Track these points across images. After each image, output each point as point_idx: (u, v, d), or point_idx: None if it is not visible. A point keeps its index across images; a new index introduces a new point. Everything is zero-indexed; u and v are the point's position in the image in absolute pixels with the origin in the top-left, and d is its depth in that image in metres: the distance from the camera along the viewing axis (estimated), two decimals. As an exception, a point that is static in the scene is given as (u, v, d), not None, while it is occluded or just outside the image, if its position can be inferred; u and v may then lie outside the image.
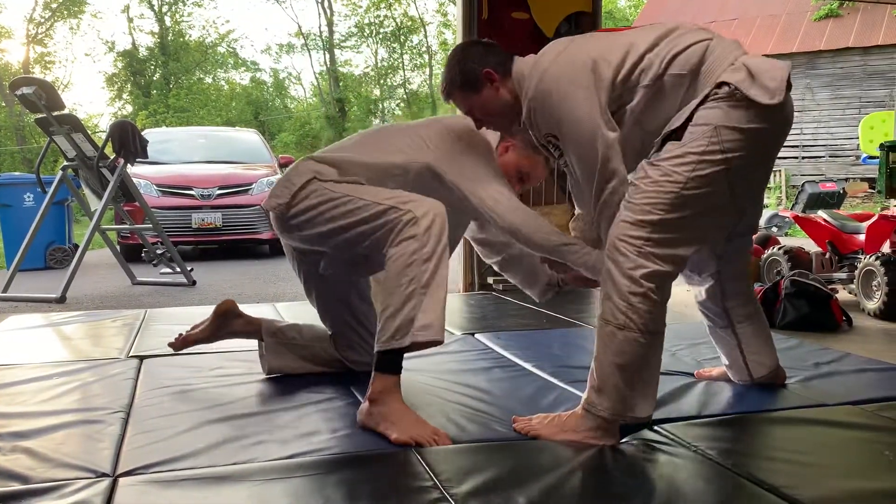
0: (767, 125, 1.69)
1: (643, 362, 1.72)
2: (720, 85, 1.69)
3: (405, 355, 1.88)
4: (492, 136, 2.17)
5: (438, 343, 1.87)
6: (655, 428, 1.84)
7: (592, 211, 1.86)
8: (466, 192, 2.02)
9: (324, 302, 2.32)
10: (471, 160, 2.05)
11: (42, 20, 26.09)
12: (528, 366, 2.46)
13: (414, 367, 2.45)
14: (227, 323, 2.34)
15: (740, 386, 2.18)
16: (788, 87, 1.70)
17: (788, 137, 1.84)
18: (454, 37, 16.32)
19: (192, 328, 2.38)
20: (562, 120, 1.79)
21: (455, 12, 5.12)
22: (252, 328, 2.35)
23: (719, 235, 1.94)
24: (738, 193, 1.74)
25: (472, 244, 2.41)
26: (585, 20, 4.60)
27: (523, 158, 2.16)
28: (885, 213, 4.26)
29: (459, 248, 4.32)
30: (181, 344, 2.36)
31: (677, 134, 1.72)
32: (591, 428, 1.74)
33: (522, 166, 2.17)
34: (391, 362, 1.85)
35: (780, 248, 4.58)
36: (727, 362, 2.20)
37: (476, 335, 2.96)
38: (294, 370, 2.34)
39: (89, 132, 5.33)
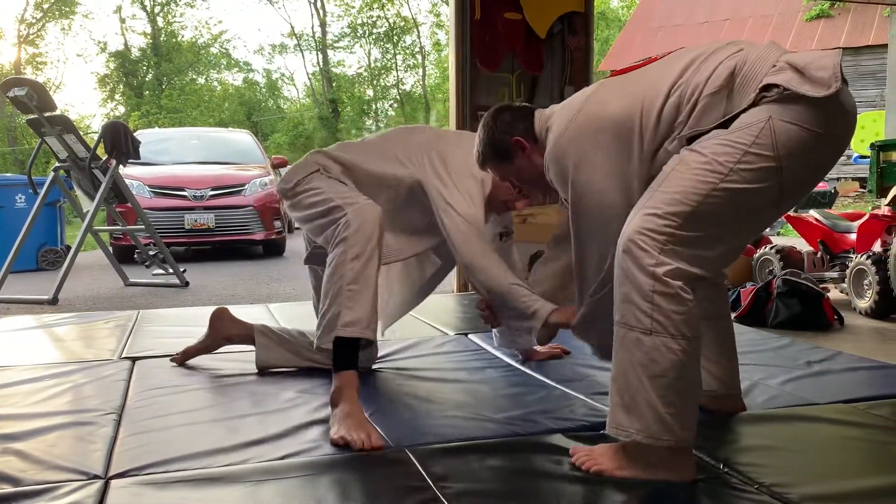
0: (826, 129, 1.48)
1: (678, 373, 1.47)
2: (767, 88, 1.49)
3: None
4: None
5: (367, 340, 1.92)
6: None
7: (588, 290, 1.72)
8: (443, 217, 2.07)
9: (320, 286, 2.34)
10: (456, 192, 2.07)
11: (33, 21, 25.99)
12: (520, 366, 2.46)
13: (408, 367, 2.46)
14: (222, 328, 2.46)
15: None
16: (844, 81, 1.49)
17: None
18: (447, 37, 16.33)
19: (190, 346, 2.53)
20: (574, 186, 1.66)
21: (448, 13, 5.13)
22: (246, 333, 2.44)
23: (753, 237, 1.72)
24: (785, 196, 1.53)
25: None
26: (578, 20, 4.61)
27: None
28: (875, 212, 4.28)
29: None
30: (182, 357, 2.51)
31: (724, 124, 1.52)
32: (660, 460, 1.51)
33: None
34: (340, 360, 1.91)
35: (771, 248, 4.60)
36: None
37: (469, 335, 2.96)
38: (283, 363, 2.41)
39: (81, 133, 5.31)
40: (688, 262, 1.49)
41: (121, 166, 5.32)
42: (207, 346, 2.50)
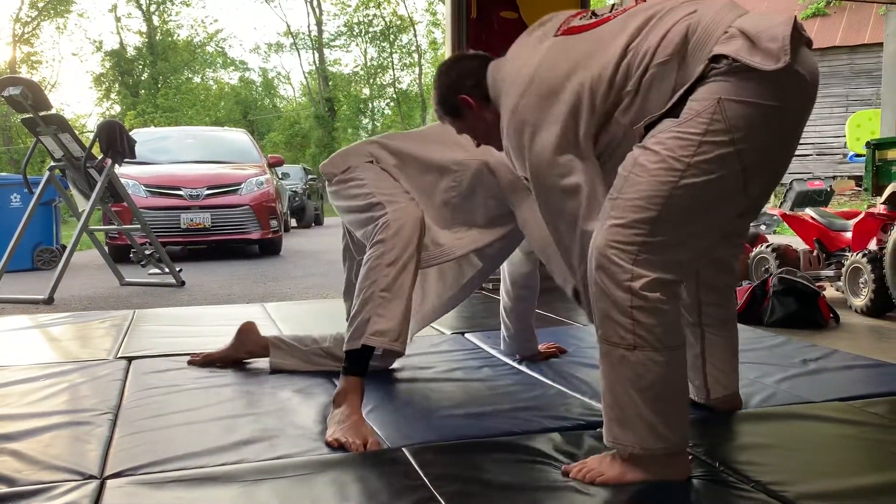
0: (781, 101, 1.42)
1: (666, 383, 1.46)
2: (716, 59, 1.42)
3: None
4: None
5: (396, 352, 1.91)
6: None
7: (575, 263, 1.66)
8: (513, 206, 2.03)
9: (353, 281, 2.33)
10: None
11: (28, 19, 25.95)
12: (517, 364, 2.47)
13: (405, 366, 2.46)
14: (247, 342, 2.44)
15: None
16: (804, 43, 1.43)
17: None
18: (443, 36, 16.41)
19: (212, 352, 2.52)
20: (531, 161, 1.62)
21: (444, 11, 5.13)
22: (266, 347, 2.42)
23: (728, 228, 1.67)
24: (750, 180, 1.47)
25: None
26: (574, 19, 4.60)
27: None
28: (871, 210, 4.28)
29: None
30: (202, 361, 2.48)
31: (674, 111, 1.47)
32: (657, 462, 1.50)
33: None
34: (352, 364, 1.90)
35: (768, 246, 4.60)
36: None
37: (466, 334, 2.96)
38: (294, 368, 2.37)
39: (77, 132, 5.30)
40: (663, 270, 1.45)
41: (116, 165, 5.31)
42: (229, 356, 2.46)
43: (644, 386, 1.45)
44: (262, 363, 2.44)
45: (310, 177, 16.28)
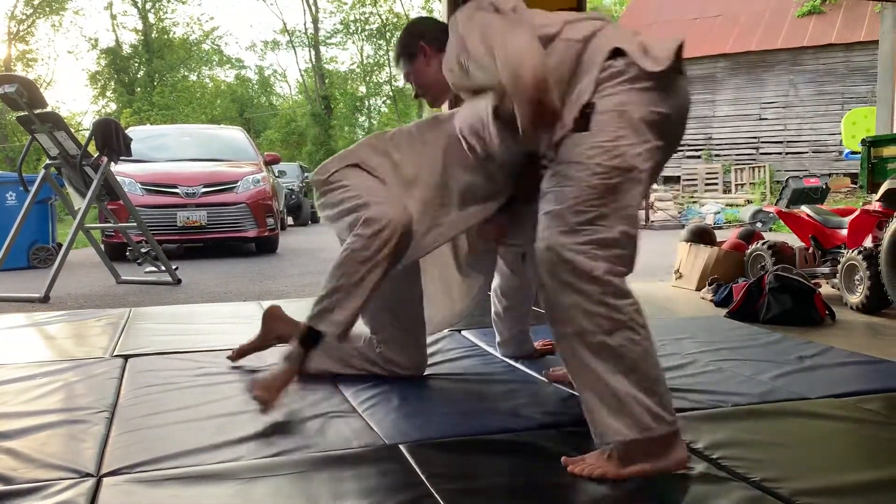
0: (670, 109, 1.61)
1: (647, 360, 1.53)
2: (615, 55, 1.58)
3: None
4: None
5: (338, 339, 1.98)
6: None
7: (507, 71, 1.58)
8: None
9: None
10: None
11: (24, 17, 25.87)
12: (513, 362, 2.47)
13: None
14: (274, 327, 2.39)
15: (719, 379, 2.20)
16: (681, 69, 1.63)
17: (773, 133, 1.70)
18: (440, 33, 16.19)
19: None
20: (470, 31, 1.66)
21: (440, 9, 5.13)
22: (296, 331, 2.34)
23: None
24: (655, 176, 1.68)
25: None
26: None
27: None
28: (867, 207, 4.29)
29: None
30: (237, 355, 2.46)
31: (585, 125, 1.58)
32: (654, 453, 1.53)
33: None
34: (307, 337, 1.95)
35: (763, 243, 4.61)
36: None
37: (462, 332, 2.96)
38: (328, 369, 2.29)
39: (73, 130, 5.29)
40: (613, 262, 1.54)
41: (112, 163, 5.30)
42: (259, 345, 2.41)
43: (629, 367, 1.51)
44: (261, 362, 2.43)
45: (306, 174, 16.25)
